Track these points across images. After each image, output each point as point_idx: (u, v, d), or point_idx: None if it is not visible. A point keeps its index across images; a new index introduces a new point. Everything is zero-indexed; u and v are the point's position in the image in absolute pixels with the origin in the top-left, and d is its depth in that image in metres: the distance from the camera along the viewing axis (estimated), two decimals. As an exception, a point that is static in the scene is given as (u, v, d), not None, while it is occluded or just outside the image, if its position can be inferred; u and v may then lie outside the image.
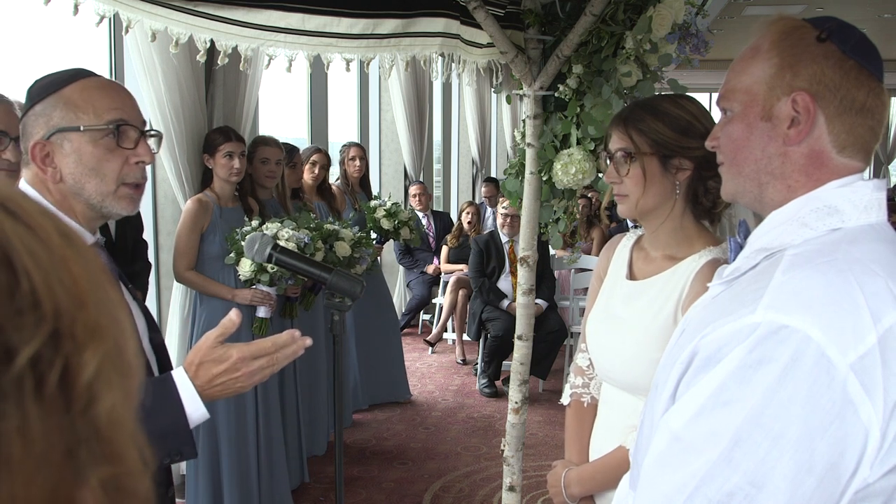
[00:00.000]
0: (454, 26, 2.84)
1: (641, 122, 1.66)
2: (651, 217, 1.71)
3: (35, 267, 0.42)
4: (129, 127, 1.41)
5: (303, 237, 3.47)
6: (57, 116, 1.38)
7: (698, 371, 0.95)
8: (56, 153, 1.38)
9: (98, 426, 0.43)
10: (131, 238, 3.18)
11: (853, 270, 0.92)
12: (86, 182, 1.39)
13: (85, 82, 1.40)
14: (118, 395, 0.44)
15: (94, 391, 0.42)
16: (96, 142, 1.38)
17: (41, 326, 0.41)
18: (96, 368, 0.42)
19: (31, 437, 0.40)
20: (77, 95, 1.38)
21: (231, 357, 1.34)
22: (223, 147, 3.48)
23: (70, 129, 1.37)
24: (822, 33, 1.03)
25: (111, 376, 0.43)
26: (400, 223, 5.25)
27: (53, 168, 1.39)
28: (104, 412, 0.43)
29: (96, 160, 1.38)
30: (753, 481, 0.87)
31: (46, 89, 1.40)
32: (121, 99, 1.42)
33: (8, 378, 0.39)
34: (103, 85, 1.43)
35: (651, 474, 0.97)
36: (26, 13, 3.62)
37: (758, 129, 1.07)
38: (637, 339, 1.68)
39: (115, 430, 0.43)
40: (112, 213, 1.44)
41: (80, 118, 1.37)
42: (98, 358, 0.43)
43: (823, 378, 0.86)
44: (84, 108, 1.38)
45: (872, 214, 1.02)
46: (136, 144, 1.41)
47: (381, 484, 4.19)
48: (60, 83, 1.39)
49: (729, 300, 1.01)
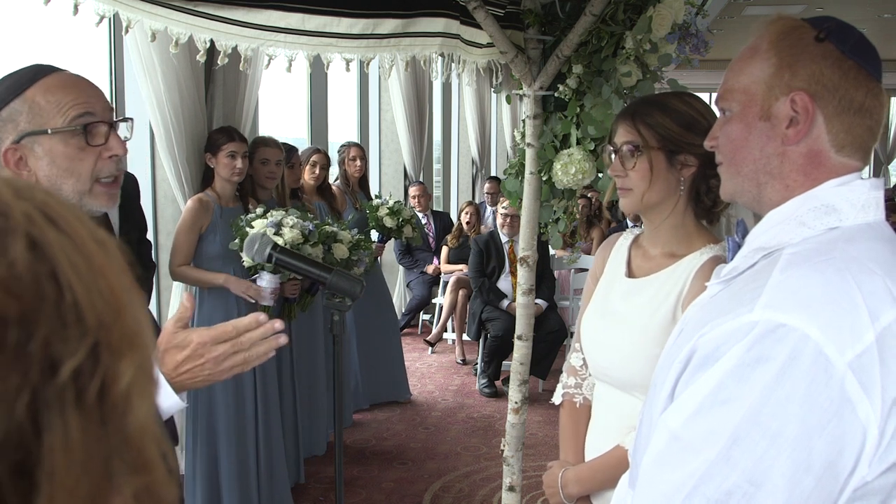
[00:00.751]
0: (454, 26, 2.84)
1: (650, 117, 1.66)
2: (654, 212, 1.72)
3: (77, 279, 0.42)
4: (97, 123, 1.38)
5: (307, 225, 3.49)
6: (24, 121, 1.35)
7: (696, 370, 0.95)
8: (29, 156, 1.36)
9: (129, 435, 0.43)
10: (135, 238, 3.18)
11: (851, 269, 0.92)
12: (62, 183, 1.38)
13: (46, 81, 1.37)
14: (148, 404, 0.44)
15: (129, 401, 0.43)
16: (66, 142, 1.36)
17: (85, 339, 0.41)
18: (132, 378, 0.43)
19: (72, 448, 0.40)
20: (40, 97, 1.35)
21: (191, 342, 1.30)
22: (226, 147, 3.49)
23: (38, 132, 1.35)
24: (821, 33, 1.03)
25: (144, 384, 0.44)
26: (403, 221, 5.26)
27: (28, 171, 1.37)
28: (136, 421, 0.43)
29: (69, 160, 1.37)
30: (752, 480, 0.87)
31: (9, 92, 1.37)
32: (84, 94, 1.39)
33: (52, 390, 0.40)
34: (66, 82, 1.39)
35: (650, 473, 0.97)
36: (26, 13, 3.62)
37: (756, 128, 1.07)
38: (635, 336, 1.68)
39: (145, 439, 0.44)
40: (92, 210, 1.42)
41: (46, 121, 1.35)
42: (134, 367, 0.43)
43: (821, 376, 0.86)
44: (49, 111, 1.35)
45: (870, 213, 1.02)
46: (107, 139, 1.39)
47: (381, 484, 4.19)
48: (23, 85, 1.37)
49: (727, 299, 1.01)
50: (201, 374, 1.31)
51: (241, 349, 1.32)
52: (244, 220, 3.39)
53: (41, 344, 0.40)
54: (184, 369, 1.31)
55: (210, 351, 1.30)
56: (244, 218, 3.40)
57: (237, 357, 1.32)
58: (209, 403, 3.43)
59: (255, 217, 3.42)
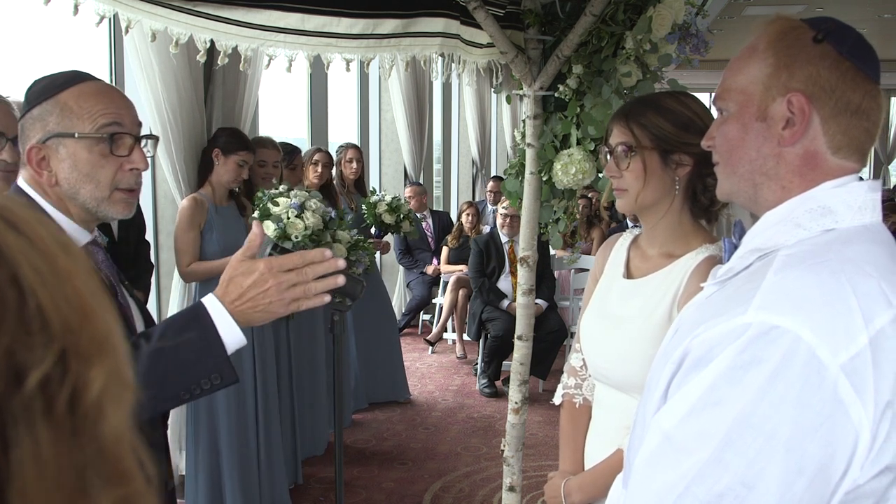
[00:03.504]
0: (454, 26, 2.83)
1: (643, 117, 1.66)
2: (650, 212, 1.72)
3: (40, 284, 0.40)
4: (123, 134, 1.41)
5: (329, 211, 3.51)
6: (53, 122, 1.38)
7: (690, 371, 0.95)
8: (52, 157, 1.39)
9: (104, 445, 0.41)
10: (134, 239, 3.18)
11: (846, 271, 0.92)
12: (80, 187, 1.40)
13: (82, 87, 1.41)
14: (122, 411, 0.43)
15: (102, 409, 0.41)
16: (91, 148, 1.39)
17: (51, 346, 0.40)
18: (103, 385, 0.41)
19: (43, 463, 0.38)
20: (73, 101, 1.39)
21: (258, 267, 1.32)
22: (240, 154, 3.49)
23: (65, 134, 1.38)
24: (819, 34, 1.03)
25: (117, 391, 0.42)
26: (401, 217, 5.27)
27: (49, 172, 1.40)
28: (110, 430, 0.42)
29: (91, 166, 1.39)
30: (744, 482, 0.87)
31: (44, 93, 1.40)
32: (116, 105, 1.42)
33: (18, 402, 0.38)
34: (100, 90, 1.43)
35: (642, 474, 0.97)
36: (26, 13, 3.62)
37: (753, 129, 1.07)
38: (633, 337, 1.68)
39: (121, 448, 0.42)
40: (108, 216, 1.45)
41: (75, 125, 1.38)
42: (105, 373, 0.42)
43: (814, 379, 0.86)
44: (79, 115, 1.38)
45: (866, 215, 1.02)
46: (131, 151, 1.42)
47: (381, 484, 4.19)
48: (57, 87, 1.40)
49: (722, 300, 1.01)
50: (262, 301, 1.32)
51: (304, 280, 1.33)
52: (267, 195, 3.40)
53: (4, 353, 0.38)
54: (248, 296, 1.32)
55: (276, 276, 1.31)
56: (267, 193, 3.41)
57: (298, 289, 1.32)
58: (210, 403, 3.43)
59: (278, 194, 3.41)
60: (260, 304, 1.33)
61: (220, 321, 1.32)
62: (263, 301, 1.32)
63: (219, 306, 1.33)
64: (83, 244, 1.46)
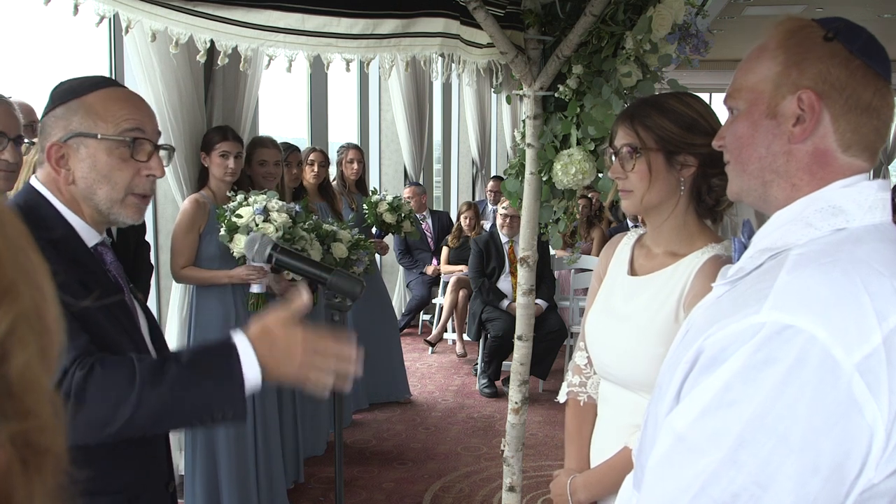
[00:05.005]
0: (454, 26, 2.83)
1: (647, 119, 1.67)
2: (655, 213, 1.72)
3: None
4: (144, 140, 1.45)
5: (293, 206, 3.48)
6: (76, 121, 1.41)
7: (703, 371, 0.95)
8: (71, 156, 1.42)
9: (9, 383, 0.43)
10: (133, 240, 3.18)
11: (858, 270, 0.92)
12: (97, 188, 1.43)
13: (108, 91, 1.45)
14: (32, 354, 0.44)
15: (6, 348, 0.43)
16: (111, 151, 1.42)
17: None
18: (9, 326, 0.43)
19: None
20: (99, 104, 1.42)
21: (297, 336, 1.36)
22: (219, 146, 3.49)
23: (87, 135, 1.41)
24: (829, 33, 1.03)
25: (26, 335, 0.44)
26: (402, 217, 5.26)
27: (67, 170, 1.43)
28: (16, 369, 0.43)
29: (109, 168, 1.43)
30: (758, 482, 0.87)
31: (70, 93, 1.43)
32: (140, 112, 1.46)
33: None
34: (126, 96, 1.47)
35: (655, 475, 0.97)
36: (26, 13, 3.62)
37: (763, 126, 1.07)
38: (638, 335, 1.69)
39: (27, 388, 0.44)
40: (118, 220, 1.49)
41: (98, 126, 1.42)
42: (11, 316, 0.43)
43: (828, 378, 0.86)
44: (104, 117, 1.42)
45: (877, 215, 1.02)
46: (150, 158, 1.46)
47: (381, 484, 4.19)
48: (84, 89, 1.43)
49: (733, 300, 1.01)
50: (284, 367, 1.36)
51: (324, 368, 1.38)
52: (229, 209, 3.37)
53: None
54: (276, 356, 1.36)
55: (307, 354, 1.36)
56: (229, 207, 3.39)
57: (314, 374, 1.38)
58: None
59: (238, 205, 3.39)
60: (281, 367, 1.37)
61: (247, 363, 1.35)
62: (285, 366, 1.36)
63: (250, 350, 1.36)
64: (92, 245, 1.48)
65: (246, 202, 3.39)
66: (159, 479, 1.56)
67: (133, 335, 1.48)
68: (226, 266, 3.48)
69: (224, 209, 3.37)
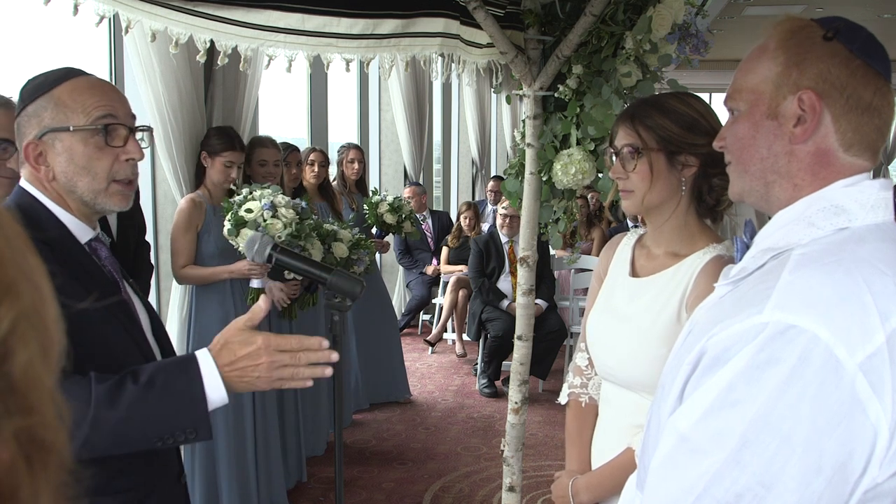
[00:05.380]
0: (454, 26, 2.83)
1: (649, 119, 1.66)
2: (656, 213, 1.72)
3: None
4: (117, 125, 1.44)
5: (299, 202, 3.48)
6: (48, 117, 1.41)
7: (706, 371, 0.95)
8: (48, 152, 1.42)
9: (12, 380, 0.44)
10: (133, 239, 3.18)
11: (860, 270, 0.92)
12: (78, 180, 1.43)
13: (74, 82, 1.43)
14: (35, 353, 0.45)
15: (9, 346, 0.43)
16: (86, 141, 1.42)
17: None
18: (10, 324, 0.43)
19: None
20: (66, 96, 1.41)
21: (256, 342, 1.34)
22: (225, 155, 3.48)
23: (60, 129, 1.41)
24: (829, 32, 1.03)
25: (27, 333, 0.45)
26: (403, 218, 5.27)
27: (46, 167, 1.42)
28: (19, 367, 0.44)
29: (87, 159, 1.42)
30: (762, 482, 0.87)
31: (38, 90, 1.42)
32: (109, 97, 1.45)
33: None
34: (92, 84, 1.46)
35: (659, 475, 0.97)
36: (26, 13, 3.62)
37: (764, 127, 1.07)
38: (639, 336, 1.68)
39: (31, 385, 0.45)
40: (105, 209, 1.48)
41: (69, 118, 1.41)
42: (13, 314, 0.44)
43: (832, 378, 0.86)
44: (73, 108, 1.41)
45: (879, 214, 1.02)
46: (126, 142, 1.45)
47: (381, 484, 4.19)
48: (51, 83, 1.42)
49: (736, 300, 1.01)
50: (251, 375, 1.35)
51: (296, 364, 1.35)
52: (236, 202, 3.35)
53: None
54: (239, 366, 1.34)
55: (271, 355, 1.34)
56: (235, 200, 3.36)
57: (287, 370, 1.36)
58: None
59: (244, 199, 3.37)
60: (248, 375, 1.35)
61: (208, 379, 1.34)
62: (252, 374, 1.35)
63: (211, 365, 1.34)
64: (86, 241, 1.47)
65: (251, 196, 3.38)
66: (171, 471, 1.56)
67: (133, 332, 1.47)
68: (224, 264, 3.48)
69: (231, 202, 3.36)
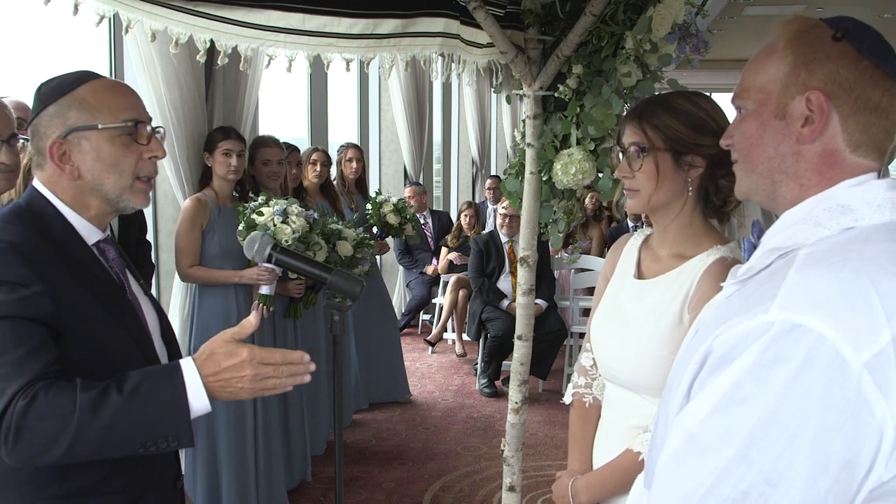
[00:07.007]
0: (454, 26, 2.83)
1: (656, 118, 1.66)
2: (662, 213, 1.71)
3: None
4: (142, 124, 1.48)
5: (312, 213, 3.50)
6: (73, 116, 1.43)
7: (713, 370, 0.95)
8: (73, 151, 1.44)
9: None
10: (134, 239, 3.18)
11: (867, 269, 0.92)
12: (105, 178, 1.46)
13: (95, 83, 1.47)
14: None
15: None
16: (113, 139, 1.45)
17: None
18: None
19: None
20: (91, 96, 1.45)
21: (241, 354, 1.36)
22: (222, 144, 3.49)
23: (87, 127, 1.44)
24: (838, 33, 1.03)
25: None
26: (405, 219, 5.27)
27: (71, 166, 1.45)
28: None
29: (114, 157, 1.45)
30: (769, 480, 0.87)
31: (58, 91, 1.45)
32: (131, 98, 1.50)
33: None
34: (114, 85, 1.51)
35: (666, 474, 0.97)
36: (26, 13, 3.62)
37: (771, 127, 1.07)
38: (643, 338, 1.68)
39: None
40: (128, 206, 1.51)
41: (96, 117, 1.44)
42: None
43: (838, 377, 0.86)
44: (99, 108, 1.44)
45: (886, 213, 1.01)
46: (149, 140, 1.49)
47: (381, 484, 4.19)
48: (71, 85, 1.45)
49: (743, 300, 1.01)
50: (235, 385, 1.36)
51: (278, 377, 1.38)
52: (250, 207, 3.39)
53: None
54: (223, 377, 1.35)
55: (255, 368, 1.36)
56: (249, 206, 3.40)
57: (270, 381, 1.38)
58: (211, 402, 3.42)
59: (260, 205, 3.41)
60: (231, 386, 1.37)
61: (192, 388, 1.35)
62: (236, 385, 1.36)
63: (195, 374, 1.35)
64: (93, 242, 1.48)
65: (267, 204, 3.40)
66: (167, 475, 1.56)
67: (135, 334, 1.48)
68: (227, 265, 3.48)
69: (245, 207, 3.39)
